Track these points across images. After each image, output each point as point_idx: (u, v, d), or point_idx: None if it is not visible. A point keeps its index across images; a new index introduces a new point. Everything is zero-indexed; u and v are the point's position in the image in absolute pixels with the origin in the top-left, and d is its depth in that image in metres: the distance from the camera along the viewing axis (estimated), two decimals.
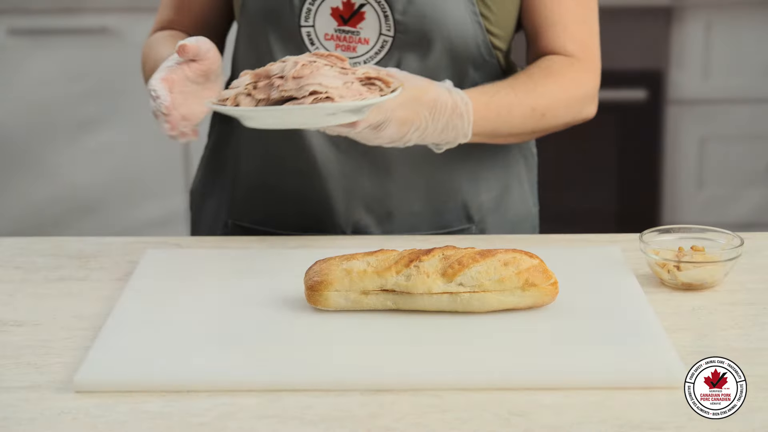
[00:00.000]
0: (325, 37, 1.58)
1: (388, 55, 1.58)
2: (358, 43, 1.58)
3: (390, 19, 1.56)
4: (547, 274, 1.30)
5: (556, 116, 1.59)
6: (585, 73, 1.64)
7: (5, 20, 3.22)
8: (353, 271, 1.30)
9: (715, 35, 3.25)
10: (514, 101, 1.54)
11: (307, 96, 1.29)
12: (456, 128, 1.48)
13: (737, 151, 3.32)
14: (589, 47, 1.65)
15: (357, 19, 1.57)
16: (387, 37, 1.57)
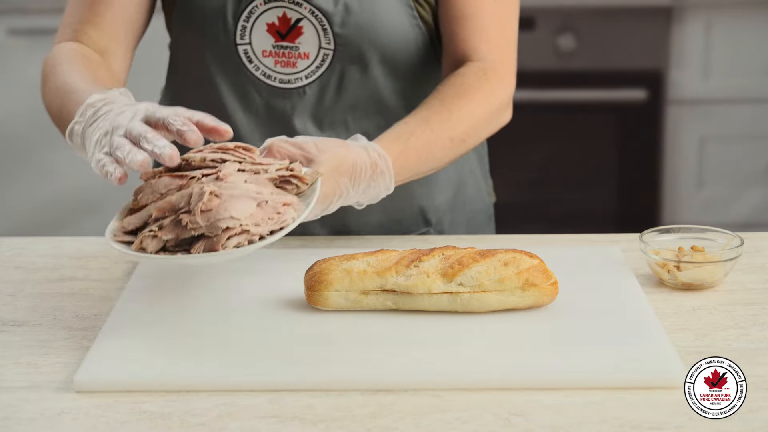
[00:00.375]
0: (263, 54, 1.56)
1: (330, 68, 1.56)
2: (298, 58, 1.56)
3: (329, 33, 1.54)
4: (547, 274, 1.30)
5: (477, 136, 1.54)
6: (499, 83, 1.56)
7: (5, 20, 3.22)
8: (353, 271, 1.30)
9: (715, 35, 3.25)
10: (432, 137, 1.47)
11: (221, 234, 1.19)
12: (378, 186, 1.40)
13: (737, 151, 3.32)
14: (504, 50, 1.58)
15: (295, 34, 1.55)
16: (327, 51, 1.55)
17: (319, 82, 1.57)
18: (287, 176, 1.27)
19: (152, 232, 1.20)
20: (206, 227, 1.18)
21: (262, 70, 1.57)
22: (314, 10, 1.53)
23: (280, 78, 1.57)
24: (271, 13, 1.55)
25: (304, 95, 1.58)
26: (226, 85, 1.59)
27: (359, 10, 1.54)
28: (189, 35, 1.59)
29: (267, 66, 1.57)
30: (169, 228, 1.20)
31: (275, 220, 1.22)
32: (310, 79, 1.57)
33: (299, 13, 1.54)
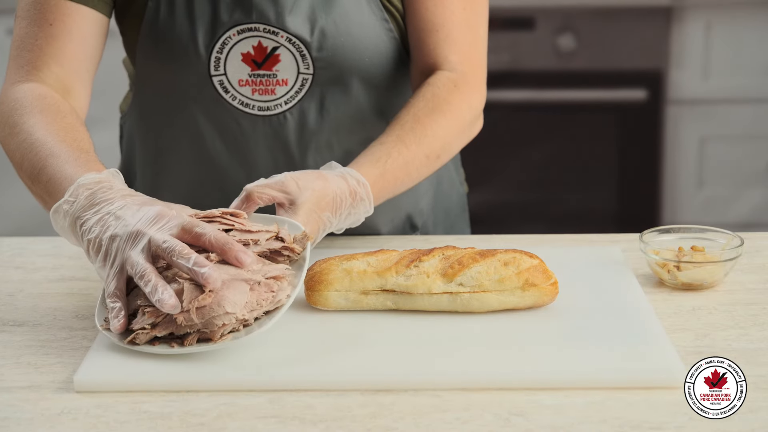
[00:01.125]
0: (239, 83, 1.53)
1: (309, 91, 1.53)
2: (276, 84, 1.53)
3: (308, 58, 1.51)
4: (547, 274, 1.30)
5: (451, 150, 1.53)
6: (470, 94, 1.54)
7: (5, 20, 3.21)
8: (353, 271, 1.30)
9: (715, 35, 3.26)
10: (408, 157, 1.46)
11: (216, 330, 1.17)
12: (358, 213, 1.40)
13: (737, 151, 3.32)
14: (473, 59, 1.56)
15: (272, 62, 1.52)
16: (306, 75, 1.52)
17: (299, 106, 1.54)
18: (278, 248, 1.25)
19: (145, 330, 1.18)
20: (202, 324, 1.17)
21: (240, 99, 1.54)
22: (291, 38, 1.50)
23: (259, 106, 1.54)
24: (246, 43, 1.51)
25: (285, 120, 1.55)
26: (202, 114, 1.55)
27: (336, 32, 1.51)
28: (158, 65, 1.54)
29: (244, 95, 1.53)
30: (164, 326, 1.18)
31: (269, 300, 1.20)
32: (290, 104, 1.54)
33: (275, 41, 1.51)
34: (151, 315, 1.18)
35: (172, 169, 1.61)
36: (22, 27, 1.48)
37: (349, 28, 1.52)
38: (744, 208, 3.34)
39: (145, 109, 1.61)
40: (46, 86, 1.46)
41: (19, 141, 1.39)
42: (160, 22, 1.51)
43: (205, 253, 1.21)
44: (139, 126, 1.63)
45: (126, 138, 1.69)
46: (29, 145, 1.37)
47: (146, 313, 1.18)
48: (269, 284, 1.20)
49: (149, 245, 1.19)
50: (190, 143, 1.58)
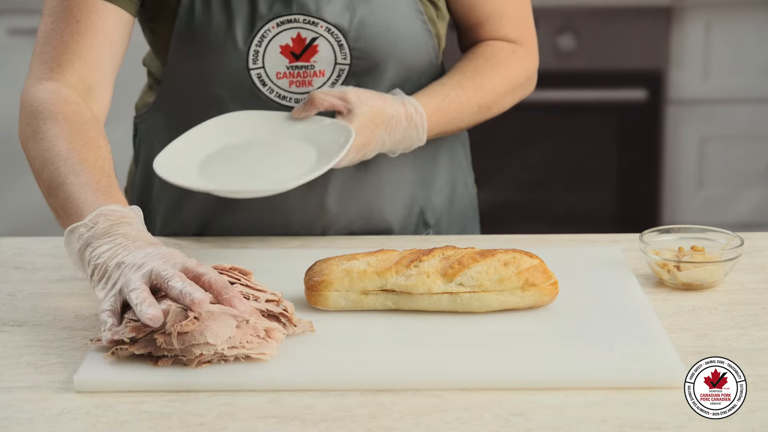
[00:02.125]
0: (277, 76, 1.53)
1: (345, 82, 1.55)
2: (314, 76, 1.54)
3: (345, 48, 1.53)
4: (547, 274, 1.30)
5: (502, 107, 1.65)
6: (526, 59, 1.67)
7: (5, 20, 3.22)
8: (353, 271, 1.30)
9: (715, 35, 3.25)
10: (464, 101, 1.58)
11: (193, 359, 1.16)
12: (411, 138, 1.54)
13: (737, 151, 3.32)
14: (528, 32, 1.68)
15: (310, 53, 1.53)
16: (343, 66, 1.54)
17: None
18: (277, 313, 1.24)
19: (124, 346, 1.18)
20: (180, 349, 1.16)
21: (277, 92, 1.54)
22: (330, 28, 1.52)
23: (296, 98, 1.55)
24: (285, 35, 1.52)
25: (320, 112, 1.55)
26: (239, 108, 1.55)
27: (373, 22, 1.53)
28: (192, 62, 1.54)
29: (282, 87, 1.54)
30: (143, 344, 1.17)
31: (254, 345, 1.18)
32: None
33: (314, 32, 1.52)
34: (133, 330, 1.17)
35: None
36: (48, 23, 1.48)
37: (386, 18, 1.54)
38: (744, 208, 3.34)
39: (174, 107, 1.60)
40: (70, 88, 1.46)
41: (41, 149, 1.40)
42: (196, 18, 1.51)
43: None
44: (166, 124, 1.61)
45: (144, 136, 1.68)
46: (51, 157, 1.37)
47: (128, 327, 1.18)
48: (257, 328, 1.19)
49: (150, 273, 1.19)
50: None
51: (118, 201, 1.30)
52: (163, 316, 1.17)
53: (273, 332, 1.20)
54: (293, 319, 1.24)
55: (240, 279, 1.26)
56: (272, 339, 1.20)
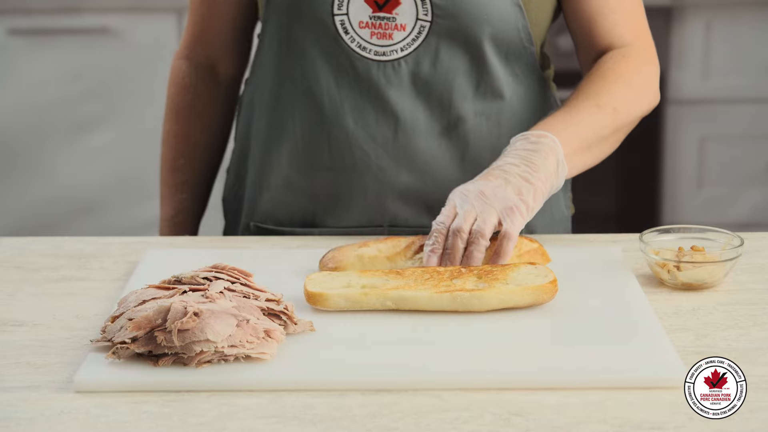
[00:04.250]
0: (359, 25, 1.54)
1: (426, 41, 1.54)
2: (395, 29, 1.53)
3: (427, 3, 1.52)
4: (546, 256, 1.38)
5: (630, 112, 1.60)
6: (640, 63, 1.60)
7: (5, 20, 3.22)
8: (365, 257, 1.38)
9: (715, 35, 3.25)
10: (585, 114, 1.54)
11: (194, 356, 1.17)
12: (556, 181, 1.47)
13: (737, 151, 3.32)
14: (644, 35, 1.62)
15: (393, 4, 1.52)
16: (424, 23, 1.53)
17: (414, 55, 1.54)
18: (277, 311, 1.24)
19: (125, 344, 1.18)
20: (181, 347, 1.16)
21: (358, 41, 1.54)
22: None
23: (375, 50, 1.55)
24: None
25: (399, 68, 1.55)
26: (320, 56, 1.56)
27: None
28: (282, 7, 1.57)
29: (363, 38, 1.54)
30: (143, 341, 1.17)
31: (254, 345, 1.18)
32: (406, 51, 1.54)
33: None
34: (134, 328, 1.18)
35: (286, 118, 1.62)
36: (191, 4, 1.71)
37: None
38: (744, 208, 3.34)
39: (265, 62, 1.63)
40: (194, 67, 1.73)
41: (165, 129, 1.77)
42: None
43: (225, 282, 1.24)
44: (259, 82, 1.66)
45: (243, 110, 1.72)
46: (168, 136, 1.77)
47: (129, 327, 1.18)
48: (257, 328, 1.19)
49: None
50: (304, 90, 1.59)
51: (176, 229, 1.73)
52: (162, 313, 1.18)
53: (273, 332, 1.20)
54: (294, 318, 1.24)
55: (239, 278, 1.26)
56: (272, 339, 1.20)
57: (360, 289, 1.30)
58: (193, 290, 1.24)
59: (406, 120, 1.57)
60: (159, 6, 3.24)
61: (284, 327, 1.23)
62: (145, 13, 3.21)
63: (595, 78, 1.57)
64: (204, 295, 1.22)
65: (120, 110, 3.29)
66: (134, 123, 3.27)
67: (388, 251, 1.39)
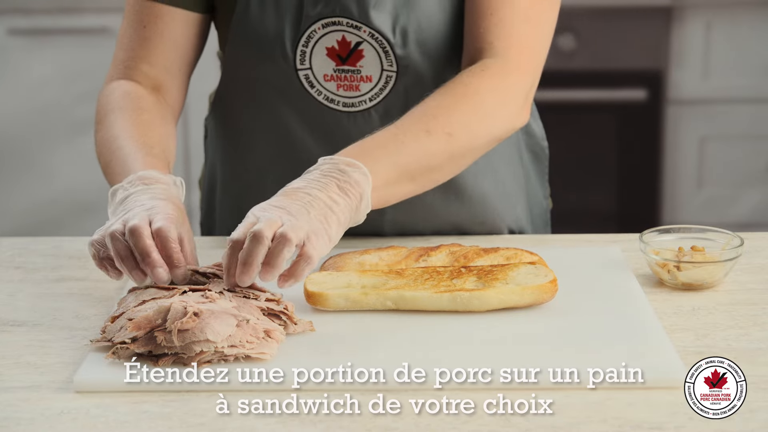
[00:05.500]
0: (324, 78, 1.52)
1: (394, 89, 1.52)
2: (361, 81, 1.51)
3: (390, 55, 1.50)
4: (546, 270, 1.32)
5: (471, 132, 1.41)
6: (501, 78, 1.44)
7: (5, 20, 3.22)
8: (366, 264, 1.37)
9: (715, 35, 3.25)
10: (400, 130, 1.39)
11: (193, 356, 1.16)
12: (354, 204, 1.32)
13: (737, 151, 3.32)
14: (522, 46, 1.47)
15: (356, 58, 1.51)
16: (390, 73, 1.51)
17: (384, 103, 1.53)
18: (277, 311, 1.24)
19: (125, 344, 1.18)
20: (180, 347, 1.16)
21: (325, 94, 1.53)
22: (374, 33, 1.49)
23: (344, 102, 1.53)
24: (330, 37, 1.51)
25: (370, 117, 1.53)
26: (289, 109, 1.55)
27: (418, 28, 1.50)
28: (246, 59, 1.54)
29: (329, 90, 1.53)
30: (143, 342, 1.17)
31: (254, 345, 1.18)
32: (375, 101, 1.52)
33: (358, 36, 1.50)
34: (133, 328, 1.18)
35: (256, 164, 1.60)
36: (123, 28, 1.58)
37: (432, 25, 1.50)
38: (744, 208, 3.34)
39: (230, 108, 1.61)
40: (135, 84, 1.55)
41: (100, 136, 1.52)
42: (251, 16, 1.52)
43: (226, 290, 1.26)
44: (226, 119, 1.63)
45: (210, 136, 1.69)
46: (106, 140, 1.49)
47: (129, 327, 1.18)
48: (257, 328, 1.19)
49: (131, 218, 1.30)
50: (276, 137, 1.57)
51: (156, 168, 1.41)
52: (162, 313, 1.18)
53: (273, 332, 1.20)
54: (293, 318, 1.24)
55: None
56: (272, 339, 1.20)
57: (360, 289, 1.30)
58: (193, 290, 1.24)
59: None
60: None
61: (284, 327, 1.23)
62: None
63: (438, 96, 1.42)
64: (204, 295, 1.22)
65: None
66: None
67: (389, 259, 1.39)
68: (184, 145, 3.29)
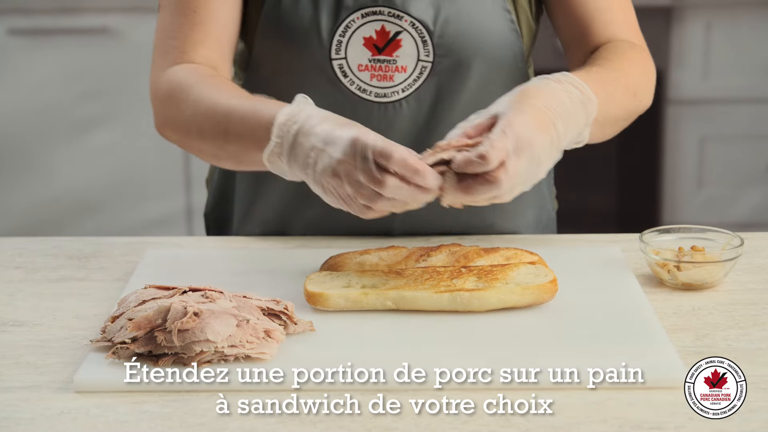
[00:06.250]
0: (358, 68, 1.52)
1: (427, 81, 1.53)
2: (395, 71, 1.52)
3: (429, 44, 1.51)
4: (546, 269, 1.32)
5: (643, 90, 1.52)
6: (651, 61, 1.57)
7: (5, 20, 3.22)
8: (366, 264, 1.36)
9: (715, 35, 3.25)
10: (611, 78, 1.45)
11: (193, 356, 1.17)
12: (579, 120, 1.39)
13: (737, 151, 3.32)
14: (641, 37, 1.59)
15: (393, 47, 1.52)
16: (425, 63, 1.52)
17: (416, 95, 1.53)
18: (277, 311, 1.24)
19: (125, 344, 1.18)
20: (181, 347, 1.16)
21: (357, 84, 1.53)
22: (415, 23, 1.50)
23: (376, 92, 1.53)
24: (369, 27, 1.51)
25: (400, 108, 1.54)
26: (318, 98, 1.52)
27: (458, 20, 1.51)
28: (277, 49, 1.54)
29: (362, 80, 1.53)
30: (143, 342, 1.18)
31: (254, 345, 1.18)
32: (407, 92, 1.53)
33: (399, 26, 1.51)
34: (134, 328, 1.18)
35: None
36: (167, 17, 1.53)
37: (471, 16, 1.51)
38: (744, 208, 3.34)
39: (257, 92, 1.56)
40: (195, 63, 1.51)
41: (190, 114, 1.44)
42: (283, 5, 1.52)
43: None
44: None
45: None
46: (204, 112, 1.42)
47: (129, 327, 1.18)
48: (257, 328, 1.20)
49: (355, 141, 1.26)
50: None
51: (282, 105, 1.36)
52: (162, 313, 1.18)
53: (273, 332, 1.20)
54: (293, 318, 1.24)
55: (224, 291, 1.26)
56: (272, 339, 1.20)
57: (360, 289, 1.30)
58: (193, 290, 1.25)
59: None
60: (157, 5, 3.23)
61: (284, 327, 1.23)
62: (145, 13, 3.21)
63: (615, 55, 1.50)
64: (204, 295, 1.22)
65: (120, 110, 3.29)
66: (134, 123, 3.27)
67: (389, 259, 1.38)
68: None
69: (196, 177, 3.30)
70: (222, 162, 1.45)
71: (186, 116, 1.45)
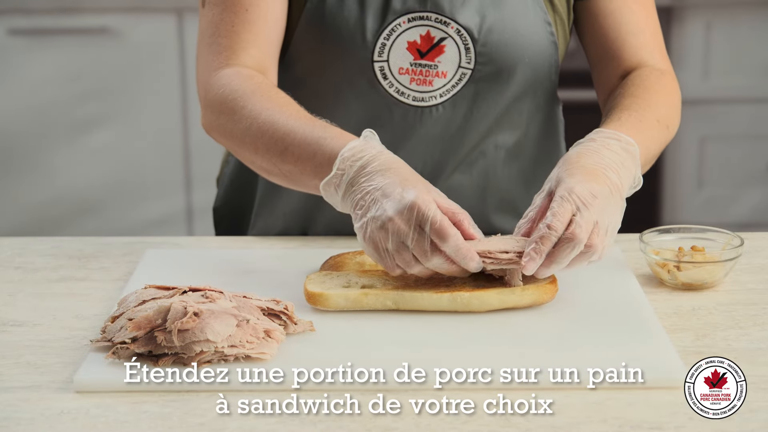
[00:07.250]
0: (399, 71, 1.52)
1: (465, 87, 1.53)
2: (435, 76, 1.53)
3: (471, 51, 1.51)
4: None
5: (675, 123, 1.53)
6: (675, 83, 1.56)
7: (5, 20, 3.22)
8: (365, 264, 1.37)
9: (715, 35, 3.25)
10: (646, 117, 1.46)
11: (193, 356, 1.16)
12: None
13: (737, 151, 3.32)
14: (666, 57, 1.59)
15: (436, 53, 1.52)
16: (466, 70, 1.52)
17: (452, 100, 1.54)
18: (277, 311, 1.24)
19: (125, 344, 1.18)
20: (180, 347, 1.16)
21: (396, 87, 1.53)
22: (460, 29, 1.51)
23: (414, 96, 1.53)
24: (414, 32, 1.51)
25: (435, 112, 1.54)
26: (355, 99, 1.54)
27: (502, 29, 1.52)
28: (316, 48, 1.54)
29: (401, 83, 1.53)
30: (143, 342, 1.17)
31: (254, 345, 1.18)
32: (444, 97, 1.54)
33: (444, 32, 1.51)
34: (134, 328, 1.18)
35: None
36: (216, 14, 1.50)
37: (515, 26, 1.52)
38: (744, 208, 3.34)
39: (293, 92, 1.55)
40: (247, 69, 1.48)
41: (246, 126, 1.42)
42: (328, 5, 1.51)
43: None
44: None
45: None
46: (259, 127, 1.40)
47: (129, 327, 1.18)
48: (257, 328, 1.20)
49: None
50: None
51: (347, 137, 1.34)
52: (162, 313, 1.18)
53: (273, 332, 1.20)
54: (293, 318, 1.24)
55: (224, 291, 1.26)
56: (272, 339, 1.20)
57: (360, 289, 1.30)
58: (193, 290, 1.25)
59: (434, 160, 1.57)
60: (159, 6, 3.24)
61: (284, 327, 1.23)
62: (145, 13, 3.21)
63: (644, 91, 1.50)
64: (204, 295, 1.22)
65: (120, 110, 3.29)
66: (134, 123, 3.27)
67: None
68: (184, 144, 3.29)
69: (196, 177, 3.30)
70: (273, 177, 1.43)
71: (240, 128, 1.43)
